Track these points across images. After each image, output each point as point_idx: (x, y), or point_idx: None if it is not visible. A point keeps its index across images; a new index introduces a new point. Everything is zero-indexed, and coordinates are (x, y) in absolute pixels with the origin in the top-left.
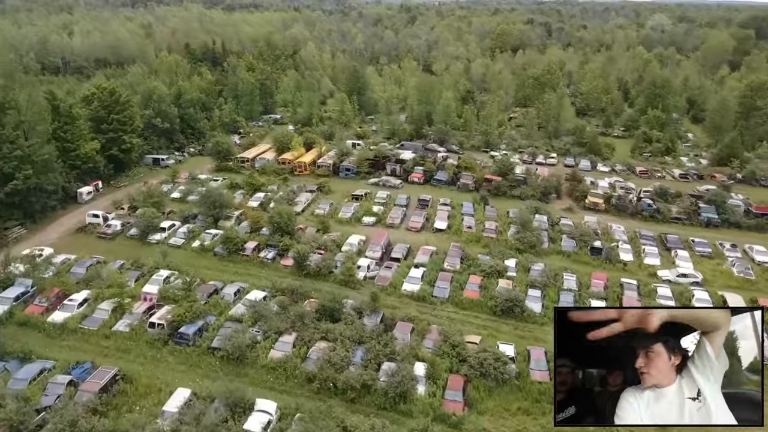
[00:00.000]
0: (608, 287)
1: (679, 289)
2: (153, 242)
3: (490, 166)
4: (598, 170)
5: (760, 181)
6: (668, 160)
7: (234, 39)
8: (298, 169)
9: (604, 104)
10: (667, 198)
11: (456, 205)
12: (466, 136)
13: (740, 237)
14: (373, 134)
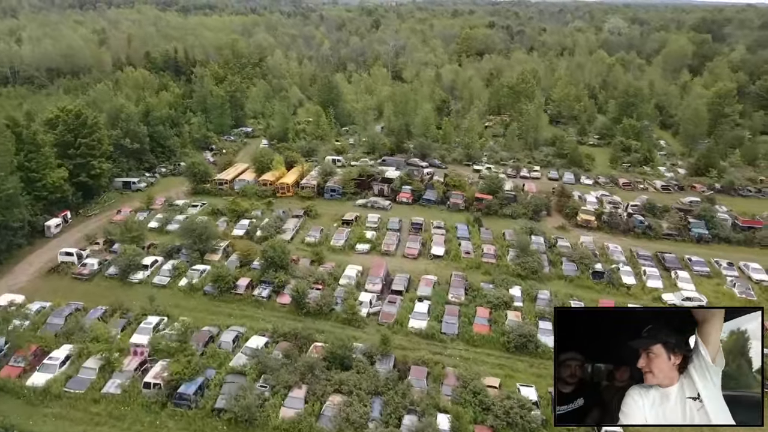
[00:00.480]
0: None
1: None
2: (135, 282)
3: (477, 182)
4: (582, 183)
5: (739, 191)
6: (647, 170)
7: (196, 46)
8: (281, 191)
9: (577, 112)
10: (655, 212)
11: (450, 227)
12: (446, 149)
13: (732, 253)
14: (351, 148)
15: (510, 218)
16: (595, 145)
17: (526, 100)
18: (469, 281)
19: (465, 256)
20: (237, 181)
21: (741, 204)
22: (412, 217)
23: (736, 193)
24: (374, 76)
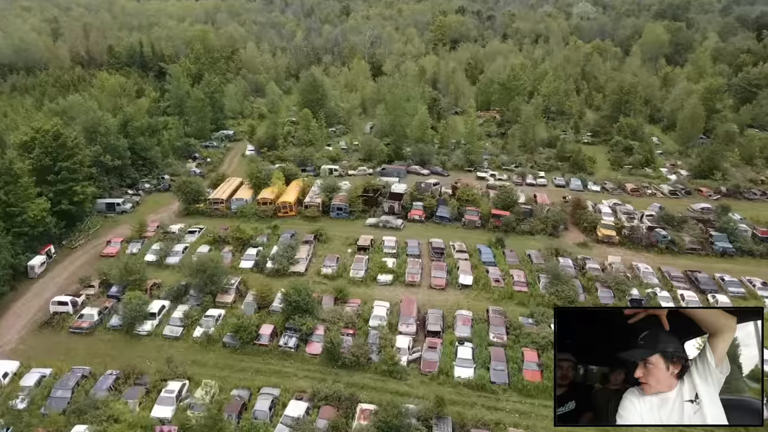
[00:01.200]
0: None
1: None
2: (143, 334)
3: (486, 193)
4: (590, 190)
5: (744, 194)
6: (649, 172)
7: (162, 38)
8: (283, 211)
9: (567, 108)
10: (672, 223)
11: (472, 250)
12: (446, 154)
13: (757, 267)
14: (345, 154)
15: (529, 235)
16: (589, 143)
17: (518, 98)
18: (508, 317)
19: (495, 285)
20: (233, 200)
21: (747, 208)
22: (431, 239)
23: (741, 197)
24: (354, 69)
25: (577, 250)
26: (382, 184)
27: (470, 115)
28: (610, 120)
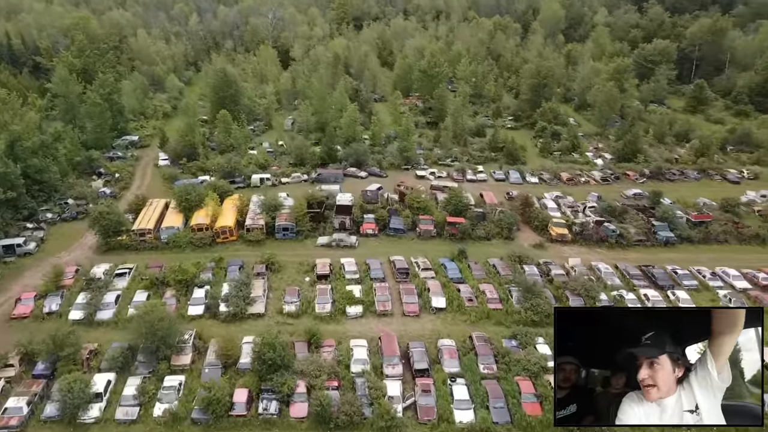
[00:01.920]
0: None
1: None
2: (90, 422)
3: (438, 199)
4: (528, 182)
5: (666, 176)
6: (576, 157)
7: (33, 26)
8: (222, 236)
9: (487, 92)
10: (614, 214)
11: (436, 266)
12: (380, 152)
13: (698, 254)
14: (273, 159)
15: (485, 240)
16: (512, 128)
17: (442, 85)
18: (494, 343)
19: (469, 305)
20: (163, 230)
21: (670, 189)
22: (391, 257)
23: (664, 178)
24: (261, 56)
25: (535, 253)
26: (325, 194)
27: (397, 108)
28: (530, 104)
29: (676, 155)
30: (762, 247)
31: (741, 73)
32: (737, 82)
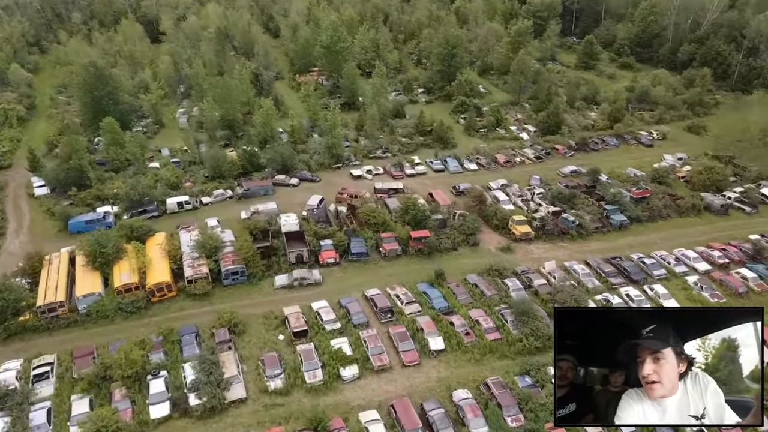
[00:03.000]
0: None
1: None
2: None
3: (390, 209)
4: (467, 169)
5: (590, 146)
6: (502, 133)
7: None
8: (159, 294)
9: (393, 63)
10: (563, 200)
11: (417, 295)
12: (304, 150)
13: (651, 235)
14: (183, 173)
15: (453, 251)
16: (427, 102)
17: (348, 64)
18: (513, 388)
19: (467, 340)
20: (79, 299)
21: (597, 160)
22: (366, 291)
23: (589, 149)
24: (124, 34)
25: (505, 259)
26: (265, 216)
27: (303, 89)
28: (441, 75)
29: (591, 120)
30: (699, 218)
31: (617, 24)
32: (617, 34)
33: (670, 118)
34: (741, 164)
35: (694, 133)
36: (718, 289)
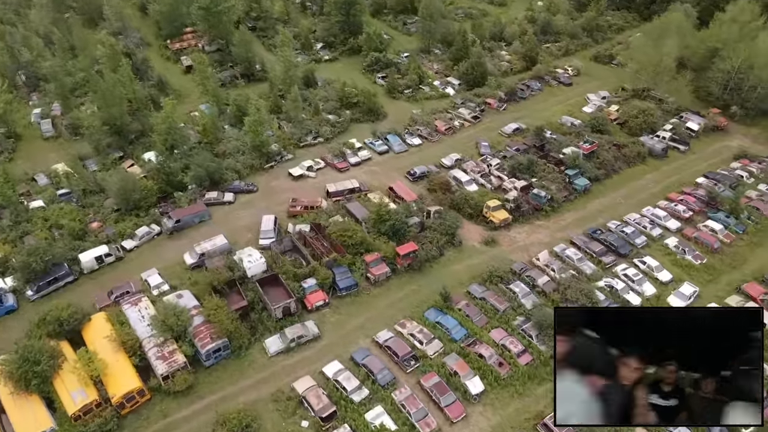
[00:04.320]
0: None
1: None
2: None
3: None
4: (412, 145)
5: (519, 95)
6: (427, 91)
7: None
8: (131, 405)
9: (281, 15)
10: (523, 170)
11: (430, 327)
12: (224, 153)
13: (613, 194)
14: (77, 208)
15: (440, 257)
16: (331, 60)
17: (236, 27)
18: None
19: (503, 372)
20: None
21: (529, 110)
22: (377, 337)
23: (517, 97)
24: None
25: (493, 253)
26: (220, 260)
27: (206, 75)
28: (342, 27)
29: (506, 62)
30: (646, 165)
31: None
32: None
33: (575, 48)
34: (658, 96)
35: (601, 64)
36: (696, 248)
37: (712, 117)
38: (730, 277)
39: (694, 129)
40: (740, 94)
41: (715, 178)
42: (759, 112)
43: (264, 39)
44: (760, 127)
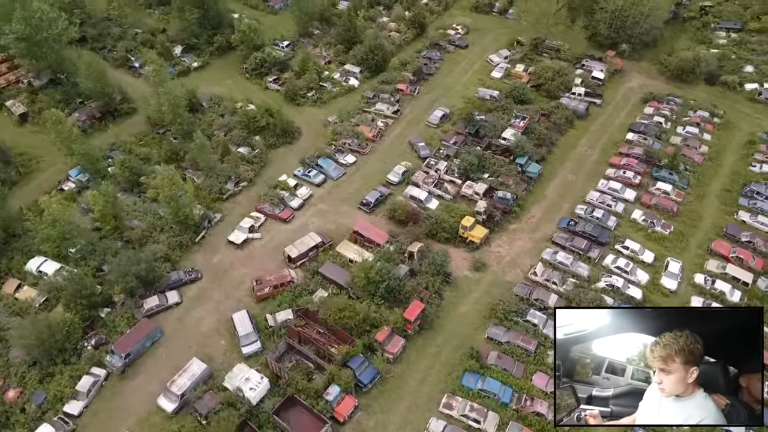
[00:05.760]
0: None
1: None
2: None
3: (341, 281)
4: (344, 164)
5: (426, 72)
6: (331, 88)
7: None
8: None
9: (123, 19)
10: (476, 169)
11: (475, 397)
12: (140, 241)
13: (562, 172)
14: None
15: (441, 301)
16: (201, 68)
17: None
18: None
19: None
20: None
21: (440, 86)
22: (431, 427)
23: (425, 75)
24: None
25: (487, 280)
26: (212, 400)
27: (69, 135)
28: (201, 23)
29: (394, 32)
30: (575, 129)
31: None
32: None
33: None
34: (554, 46)
35: (483, 13)
36: (661, 217)
37: (610, 61)
38: (696, 238)
39: (601, 78)
40: (626, 31)
41: (641, 131)
42: (643, 45)
43: (103, 52)
44: (647, 60)
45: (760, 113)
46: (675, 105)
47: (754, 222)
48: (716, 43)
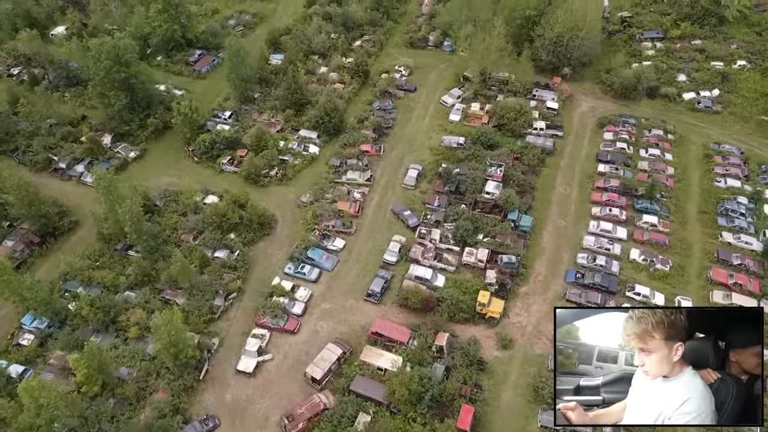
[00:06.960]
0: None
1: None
2: None
3: (379, 397)
4: (338, 250)
5: (384, 126)
6: (291, 160)
7: None
8: None
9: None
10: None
11: None
12: (142, 390)
13: (550, 217)
14: None
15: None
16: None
17: None
18: None
19: None
20: None
21: (403, 137)
22: None
23: (385, 129)
24: None
25: (519, 357)
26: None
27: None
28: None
29: (336, 80)
30: (549, 168)
31: None
32: None
33: (385, 38)
34: (501, 78)
35: (419, 49)
36: (657, 252)
37: (559, 88)
38: (693, 268)
39: (555, 108)
40: (565, 54)
41: (608, 160)
42: (580, 64)
43: (16, 155)
44: (589, 80)
45: (703, 122)
46: (630, 126)
47: (738, 242)
48: (645, 55)
